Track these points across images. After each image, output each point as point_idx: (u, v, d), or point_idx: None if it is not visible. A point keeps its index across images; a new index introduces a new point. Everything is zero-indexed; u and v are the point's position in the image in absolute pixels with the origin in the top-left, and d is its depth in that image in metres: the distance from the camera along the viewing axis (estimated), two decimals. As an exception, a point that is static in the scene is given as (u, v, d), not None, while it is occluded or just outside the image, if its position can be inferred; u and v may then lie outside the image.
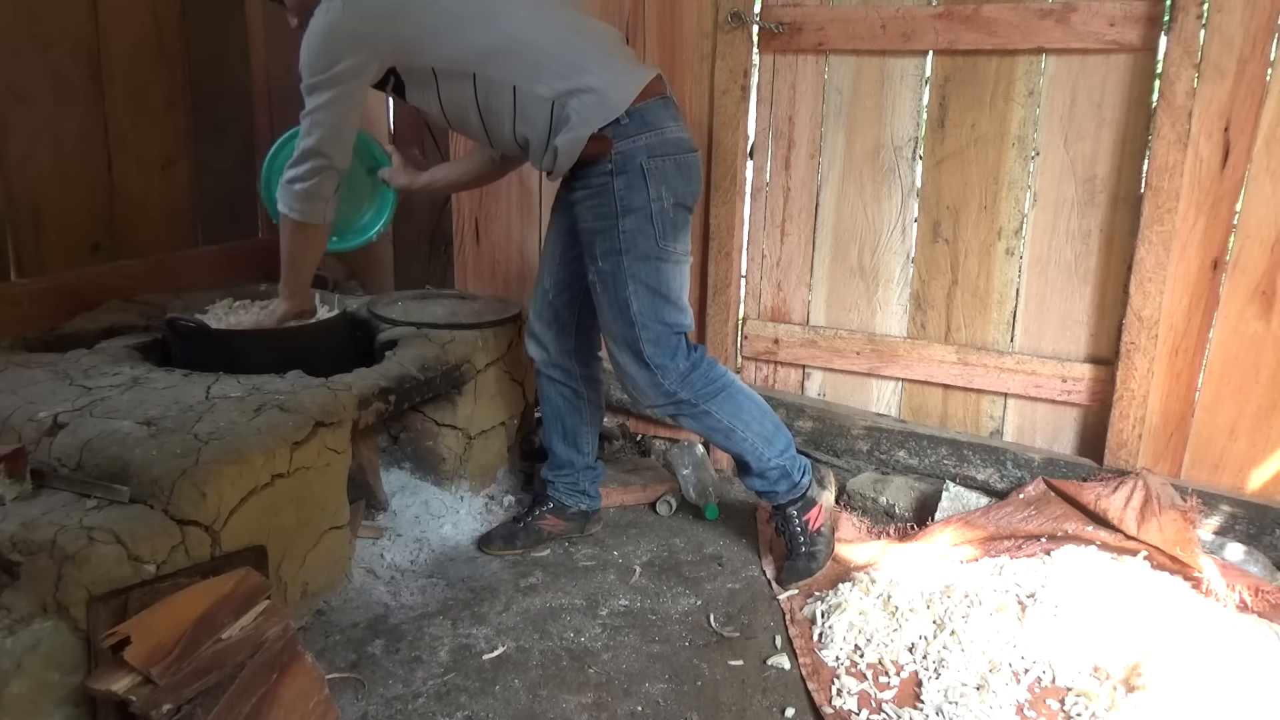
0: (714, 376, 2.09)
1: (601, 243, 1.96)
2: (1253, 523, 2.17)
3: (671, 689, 1.80)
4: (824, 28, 2.43)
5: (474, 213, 2.98)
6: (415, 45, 1.89)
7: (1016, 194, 2.37)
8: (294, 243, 2.10)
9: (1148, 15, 2.11)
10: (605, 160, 1.91)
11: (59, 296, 2.47)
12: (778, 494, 2.17)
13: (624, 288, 1.97)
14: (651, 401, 2.09)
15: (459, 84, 1.92)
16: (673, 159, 1.95)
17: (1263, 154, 2.07)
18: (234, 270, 2.88)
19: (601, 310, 2.04)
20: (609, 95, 1.88)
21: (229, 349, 2.16)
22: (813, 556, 2.15)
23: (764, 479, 2.16)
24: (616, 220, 1.93)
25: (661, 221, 1.94)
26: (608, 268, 1.97)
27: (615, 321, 2.02)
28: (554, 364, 2.25)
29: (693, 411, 2.09)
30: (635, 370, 2.04)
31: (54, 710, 1.44)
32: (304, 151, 1.96)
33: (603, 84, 1.89)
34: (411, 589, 2.11)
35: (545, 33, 1.91)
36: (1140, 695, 1.69)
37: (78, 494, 1.63)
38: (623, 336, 2.02)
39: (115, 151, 2.66)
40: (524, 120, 1.92)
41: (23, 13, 2.38)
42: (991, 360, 2.44)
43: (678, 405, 2.08)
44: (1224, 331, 2.18)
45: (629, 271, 1.95)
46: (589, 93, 1.88)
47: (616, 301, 1.99)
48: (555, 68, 1.88)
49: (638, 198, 1.92)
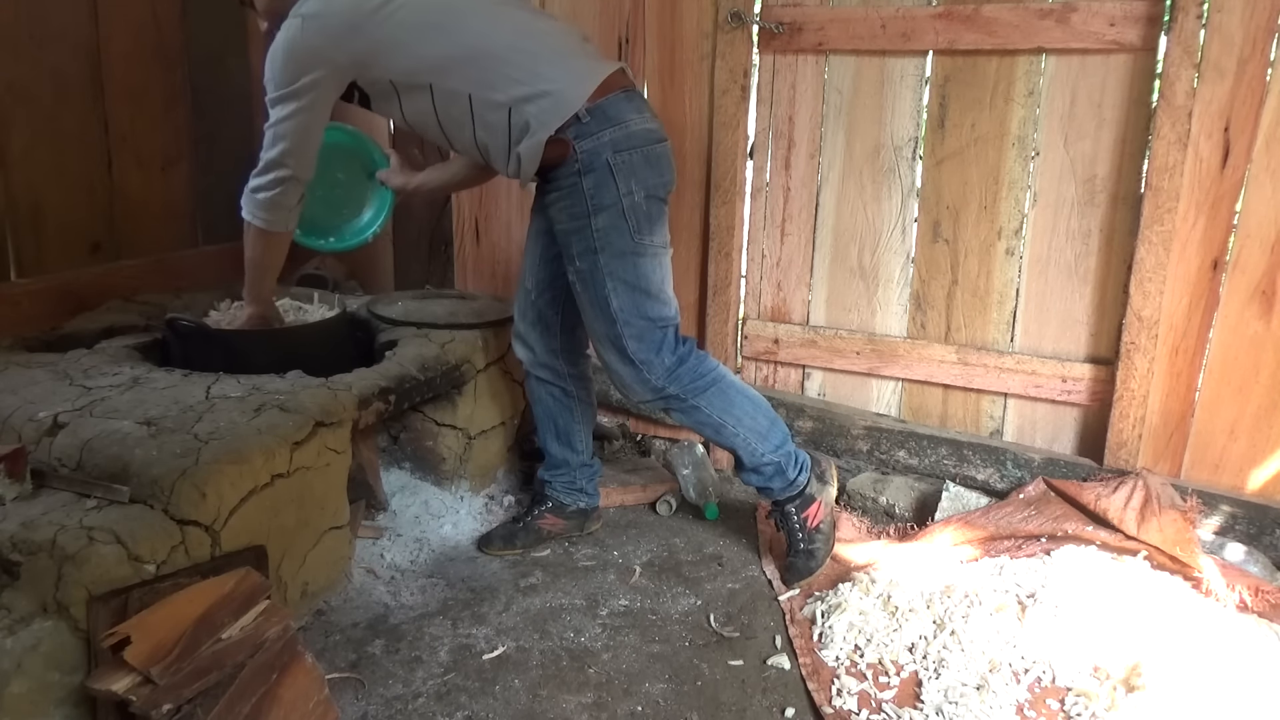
0: (703, 371, 2.08)
1: (577, 243, 1.97)
2: (1253, 523, 2.17)
3: (671, 689, 1.80)
4: (824, 28, 2.43)
5: (474, 213, 2.98)
6: (372, 60, 1.92)
7: (1016, 194, 2.37)
8: (256, 249, 2.13)
9: (1148, 15, 2.11)
10: (571, 161, 1.91)
11: (59, 296, 2.47)
12: (773, 490, 2.16)
13: (602, 286, 1.97)
14: (640, 397, 2.09)
15: (418, 95, 1.95)
16: (639, 151, 1.94)
17: (1263, 154, 2.07)
18: (234, 270, 2.85)
19: (584, 309, 2.04)
20: (564, 95, 1.88)
21: (229, 349, 2.16)
22: (811, 555, 2.15)
23: (759, 474, 2.15)
24: (589, 219, 1.93)
25: (635, 216, 1.94)
26: (585, 267, 1.97)
27: (597, 320, 2.02)
28: (541, 364, 2.25)
29: (682, 406, 2.09)
30: (621, 367, 2.05)
31: (54, 710, 1.44)
32: (267, 163, 1.99)
33: (557, 85, 1.89)
34: (411, 589, 2.11)
35: (498, 40, 1.92)
36: (1140, 695, 1.69)
37: (78, 494, 1.63)
38: (606, 334, 2.02)
39: (115, 151, 2.66)
40: (484, 127, 1.94)
41: (23, 13, 2.38)
42: (991, 360, 2.44)
43: (666, 400, 2.08)
44: (1224, 331, 2.18)
45: (606, 269, 1.95)
46: (545, 96, 1.88)
47: (597, 300, 1.99)
48: (510, 73, 1.89)
49: (608, 195, 1.92)
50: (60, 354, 2.16)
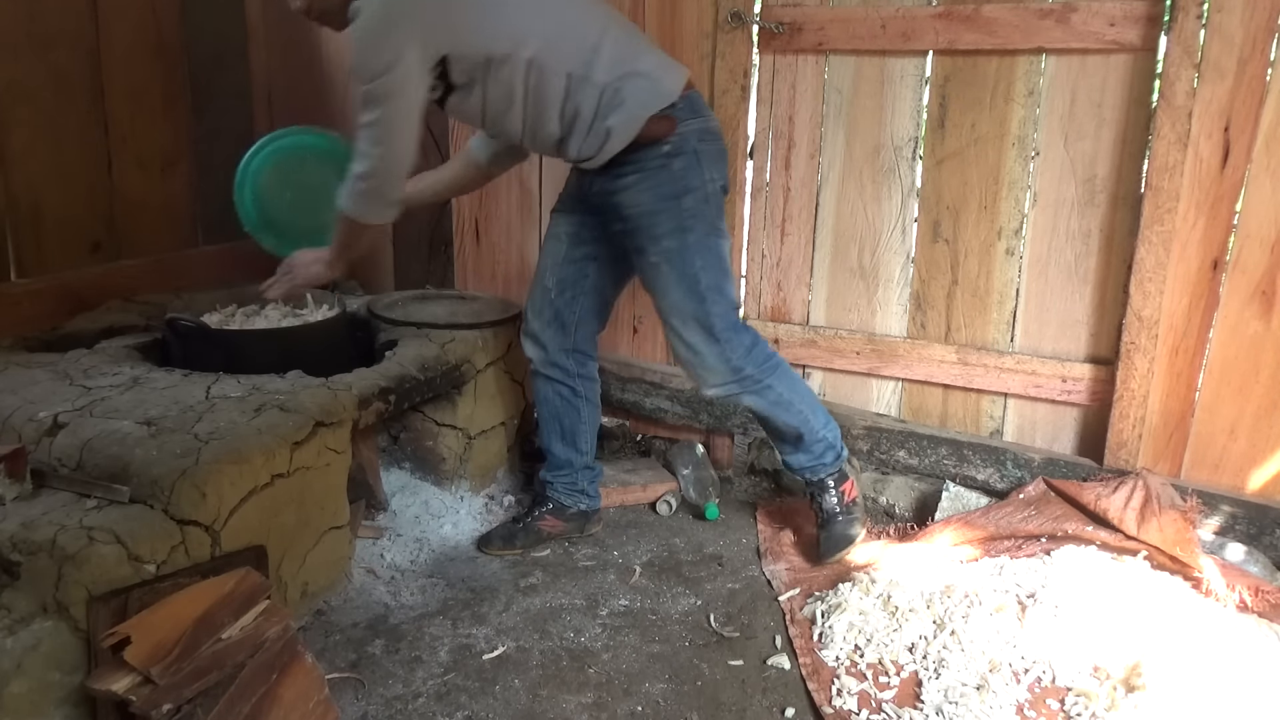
0: (769, 352, 2.14)
1: (664, 222, 1.97)
2: (1253, 523, 2.17)
3: (671, 689, 1.80)
4: (824, 28, 2.43)
5: (474, 213, 2.98)
6: (473, 27, 1.84)
7: (1016, 194, 2.36)
8: (351, 234, 2.08)
9: (1148, 15, 2.11)
10: (662, 142, 1.94)
11: (59, 296, 2.47)
12: (824, 465, 2.21)
13: (693, 263, 1.99)
14: (720, 379, 2.09)
15: (510, 71, 1.88)
16: (715, 145, 2.03)
17: (1263, 154, 2.07)
18: (234, 270, 2.88)
19: (666, 291, 2.03)
20: (662, 81, 1.94)
21: (229, 349, 2.16)
22: (851, 523, 2.20)
23: (811, 452, 2.20)
24: (678, 200, 1.96)
25: (715, 202, 2.02)
26: (673, 245, 1.98)
27: (686, 299, 2.01)
28: (551, 362, 2.25)
29: (756, 387, 2.11)
30: (706, 346, 2.05)
31: (54, 710, 1.44)
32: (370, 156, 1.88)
33: (653, 70, 1.94)
34: (411, 589, 2.11)
35: (594, 24, 1.94)
36: (1140, 695, 1.69)
37: (78, 494, 1.63)
38: (693, 313, 2.02)
39: (115, 151, 2.66)
40: (571, 107, 1.92)
41: (23, 13, 2.38)
42: (991, 360, 2.44)
43: (742, 382, 2.10)
44: (1224, 331, 2.18)
45: (696, 247, 1.98)
46: (642, 77, 1.92)
47: (686, 278, 2.00)
48: (608, 54, 1.90)
49: (695, 178, 1.96)
50: (60, 354, 2.16)
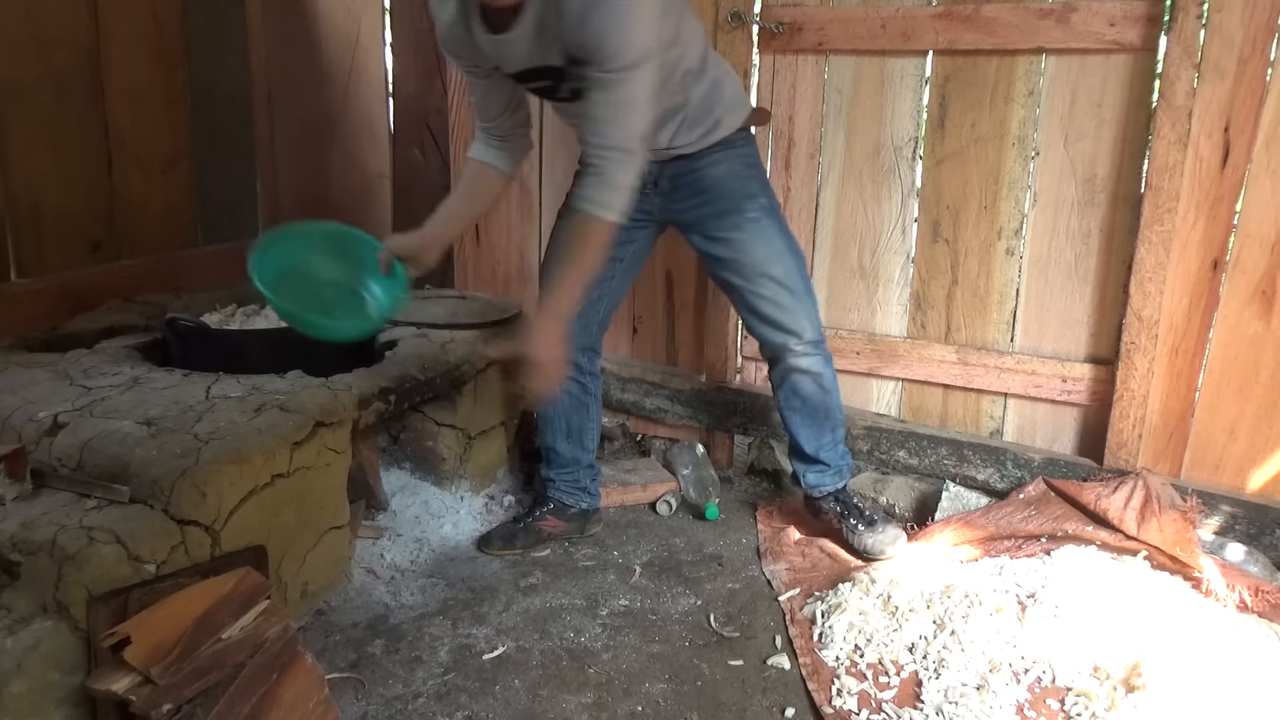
0: None
1: (755, 184, 2.13)
2: (1253, 523, 2.17)
3: (671, 689, 1.80)
4: (824, 28, 2.43)
5: (474, 213, 2.98)
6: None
7: (1016, 194, 2.36)
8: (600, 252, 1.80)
9: (1148, 15, 2.11)
10: (746, 129, 2.14)
11: (59, 296, 2.47)
12: (847, 467, 2.32)
13: (784, 225, 2.15)
14: (813, 333, 2.17)
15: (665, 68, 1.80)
16: None
17: (1263, 154, 2.07)
18: (234, 270, 2.85)
19: (770, 242, 2.11)
20: (735, 75, 2.15)
21: (229, 349, 2.16)
22: (890, 518, 2.34)
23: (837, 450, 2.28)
24: (760, 170, 2.17)
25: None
26: (767, 203, 2.13)
27: (788, 250, 2.13)
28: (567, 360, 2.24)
29: (824, 352, 2.21)
30: (804, 296, 2.16)
31: (54, 710, 1.44)
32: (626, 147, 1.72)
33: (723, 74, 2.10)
34: (411, 589, 2.11)
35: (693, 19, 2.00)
36: (1140, 695, 1.69)
37: (78, 494, 1.63)
38: (794, 263, 2.14)
39: (115, 151, 2.66)
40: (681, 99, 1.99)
41: (23, 13, 2.38)
42: (991, 360, 2.44)
43: (817, 345, 2.19)
44: (1224, 331, 2.18)
45: (777, 213, 2.15)
46: (725, 73, 2.09)
47: (784, 231, 2.14)
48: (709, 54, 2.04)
49: (759, 163, 2.20)
50: (60, 354, 2.16)
